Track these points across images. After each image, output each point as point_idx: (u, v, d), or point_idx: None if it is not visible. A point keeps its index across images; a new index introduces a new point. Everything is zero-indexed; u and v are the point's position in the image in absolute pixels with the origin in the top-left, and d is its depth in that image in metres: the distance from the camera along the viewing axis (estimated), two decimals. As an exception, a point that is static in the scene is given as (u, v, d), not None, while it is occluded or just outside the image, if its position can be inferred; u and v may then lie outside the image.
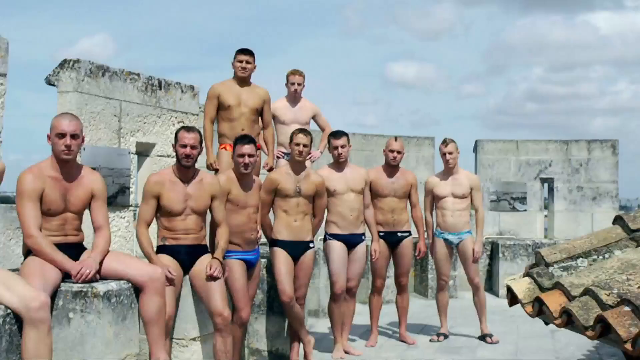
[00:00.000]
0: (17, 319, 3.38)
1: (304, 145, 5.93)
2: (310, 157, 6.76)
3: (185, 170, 4.90)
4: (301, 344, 6.13)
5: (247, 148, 5.35)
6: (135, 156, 6.38)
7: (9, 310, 3.34)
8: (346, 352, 6.62)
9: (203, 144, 5.17)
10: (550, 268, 2.81)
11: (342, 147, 6.48)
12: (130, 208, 6.29)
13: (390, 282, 8.66)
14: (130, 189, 6.26)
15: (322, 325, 8.00)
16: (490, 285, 10.93)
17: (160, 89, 6.61)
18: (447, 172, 7.34)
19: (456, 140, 7.40)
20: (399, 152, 6.94)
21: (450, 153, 7.26)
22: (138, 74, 6.32)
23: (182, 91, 6.91)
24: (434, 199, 7.37)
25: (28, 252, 4.15)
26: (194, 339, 4.95)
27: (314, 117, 7.43)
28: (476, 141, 12.26)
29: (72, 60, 5.63)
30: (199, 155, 4.96)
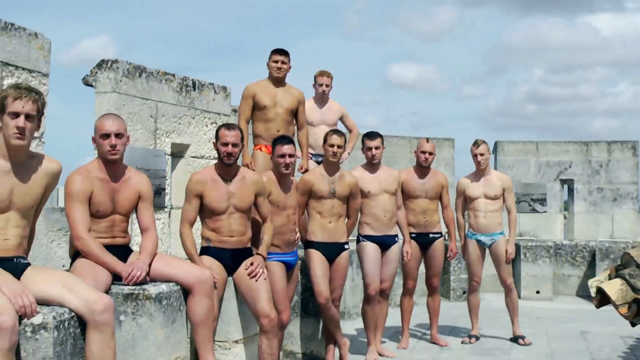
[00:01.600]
0: (80, 322, 3.33)
1: (338, 147, 5.88)
2: (339, 159, 6.72)
3: (227, 168, 4.86)
4: (336, 347, 6.08)
5: (287, 148, 5.31)
6: (170, 157, 6.33)
7: (73, 314, 3.29)
8: (380, 354, 6.57)
9: (243, 142, 5.12)
10: (642, 269, 2.76)
11: (377, 148, 6.43)
12: (165, 209, 6.24)
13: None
14: (166, 190, 6.21)
15: (348, 327, 7.95)
16: (512, 286, 10.86)
17: (195, 90, 6.56)
18: (479, 173, 7.30)
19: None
20: (430, 154, 6.91)
21: (482, 154, 7.22)
22: (173, 75, 6.27)
23: (215, 92, 6.87)
24: (465, 201, 7.34)
25: (76, 254, 4.10)
26: (236, 342, 4.89)
27: (341, 119, 7.41)
28: (496, 142, 12.21)
29: (110, 60, 5.58)
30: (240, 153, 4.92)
